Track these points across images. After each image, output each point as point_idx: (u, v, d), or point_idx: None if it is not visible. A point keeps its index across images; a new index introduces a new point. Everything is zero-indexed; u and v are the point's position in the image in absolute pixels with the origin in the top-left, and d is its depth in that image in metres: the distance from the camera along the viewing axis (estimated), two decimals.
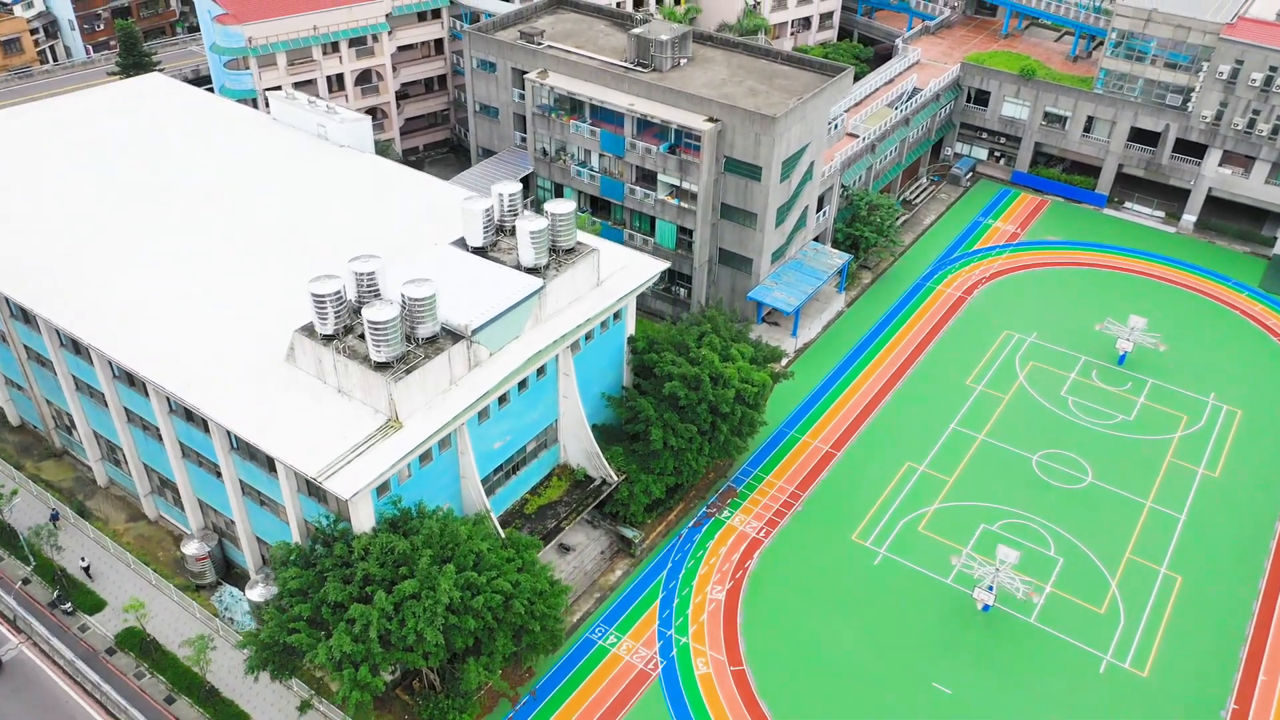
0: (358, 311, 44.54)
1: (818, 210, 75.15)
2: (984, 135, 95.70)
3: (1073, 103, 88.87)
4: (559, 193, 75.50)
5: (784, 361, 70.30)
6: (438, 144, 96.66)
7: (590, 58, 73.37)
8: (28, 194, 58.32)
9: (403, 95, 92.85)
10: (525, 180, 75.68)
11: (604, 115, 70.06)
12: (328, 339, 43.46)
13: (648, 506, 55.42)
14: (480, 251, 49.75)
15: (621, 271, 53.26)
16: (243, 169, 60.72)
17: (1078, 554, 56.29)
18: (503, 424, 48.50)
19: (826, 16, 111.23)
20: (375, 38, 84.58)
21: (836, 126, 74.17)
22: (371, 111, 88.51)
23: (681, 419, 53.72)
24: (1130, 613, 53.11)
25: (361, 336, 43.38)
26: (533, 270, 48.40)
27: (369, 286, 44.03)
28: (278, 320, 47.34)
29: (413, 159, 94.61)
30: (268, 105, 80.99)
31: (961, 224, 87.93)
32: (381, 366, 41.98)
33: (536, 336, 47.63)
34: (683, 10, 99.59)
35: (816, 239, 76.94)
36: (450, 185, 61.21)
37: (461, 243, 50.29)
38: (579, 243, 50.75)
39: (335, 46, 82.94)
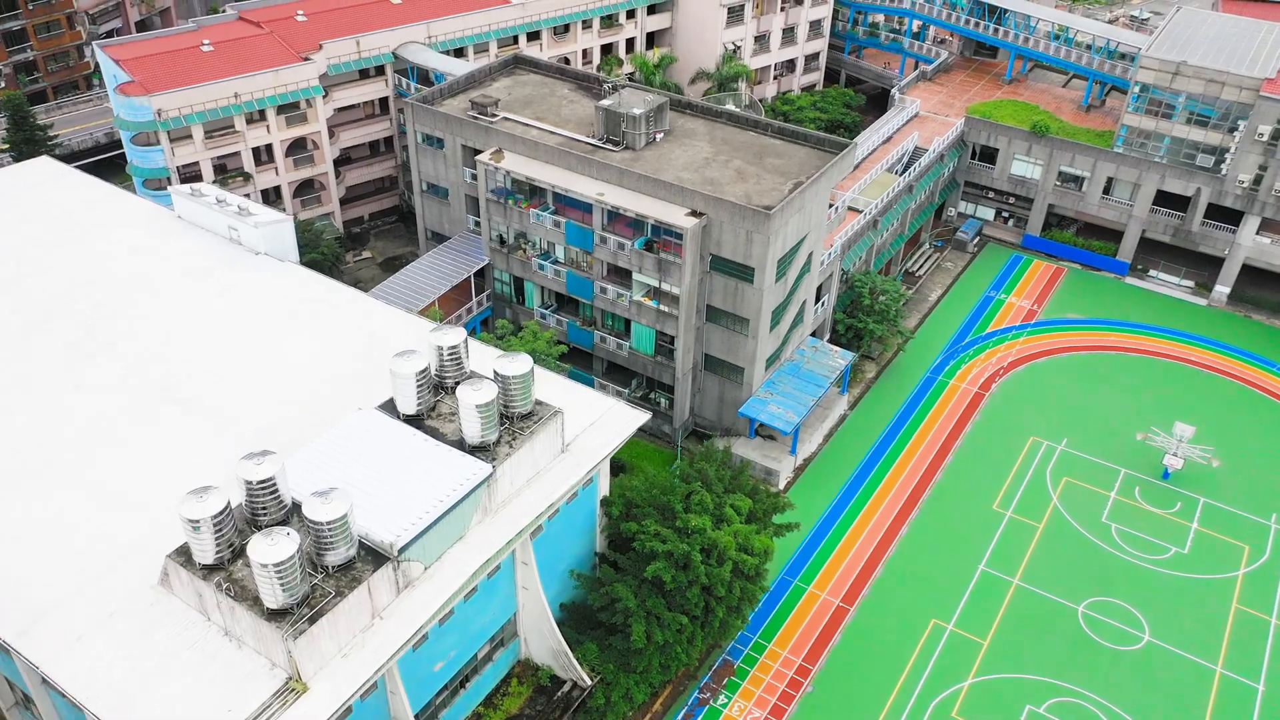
0: (254, 522, 34.54)
1: (815, 301, 65.79)
2: (991, 194, 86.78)
3: (1091, 162, 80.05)
4: (518, 287, 65.60)
5: (782, 484, 61.03)
6: (385, 212, 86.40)
7: (552, 133, 63.60)
8: None
9: (344, 160, 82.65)
10: (481, 271, 65.83)
11: (570, 201, 60.31)
12: (209, 570, 33.40)
13: None
14: (414, 419, 39.82)
15: (592, 428, 43.48)
16: (130, 292, 50.26)
17: None
18: (445, 640, 38.62)
19: (812, 58, 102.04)
20: (308, 102, 74.33)
21: (837, 210, 64.81)
22: (308, 183, 78.29)
23: (669, 606, 44.03)
24: None
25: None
26: (480, 448, 38.54)
27: (264, 490, 34.01)
28: (155, 517, 37.25)
29: (357, 230, 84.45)
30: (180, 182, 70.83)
31: (971, 300, 78.84)
32: (278, 614, 31.97)
33: (486, 534, 37.79)
34: (656, 59, 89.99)
35: (814, 333, 67.55)
36: (387, 307, 51.16)
37: (391, 406, 40.35)
38: (538, 403, 40.92)
39: (262, 114, 72.60)
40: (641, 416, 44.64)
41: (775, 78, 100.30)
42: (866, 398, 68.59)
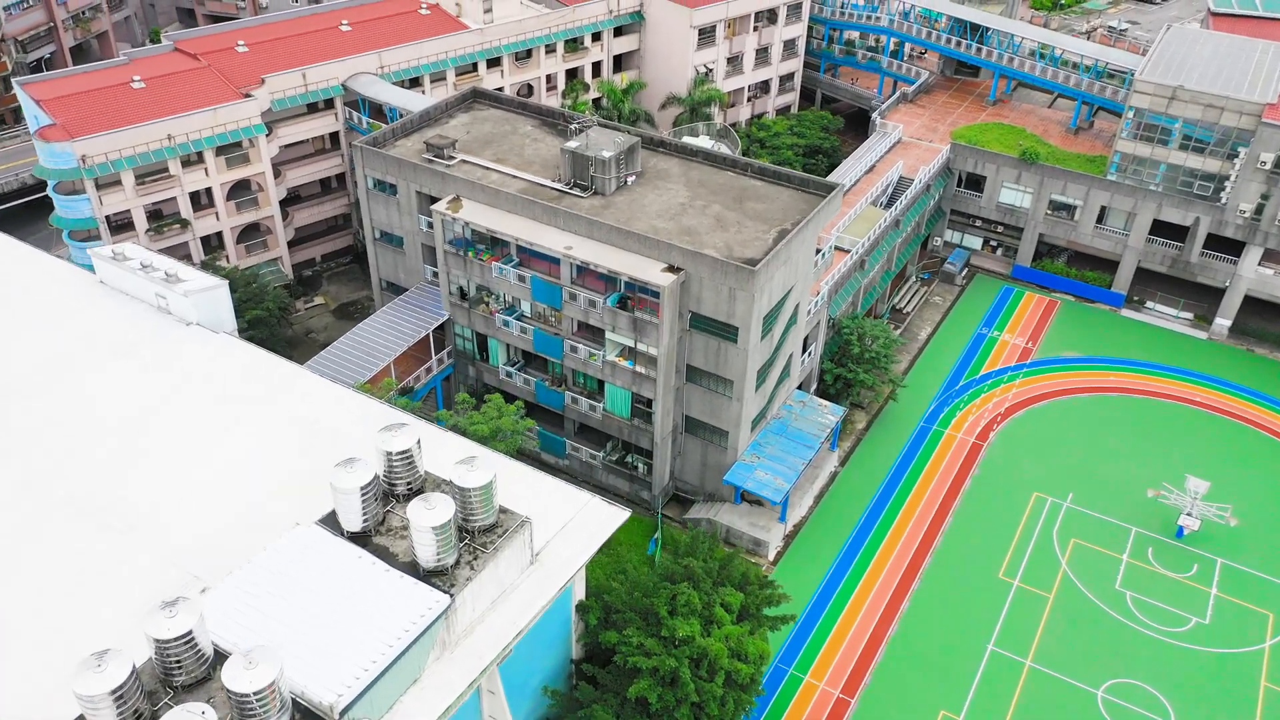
0: (168, 683, 29.34)
1: (802, 352, 61.22)
2: (978, 223, 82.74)
3: (1084, 191, 76.17)
4: (482, 344, 60.58)
5: (772, 555, 56.47)
6: (339, 253, 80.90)
7: (514, 177, 58.65)
8: None
9: (293, 199, 77.06)
10: (442, 326, 60.63)
11: (535, 252, 55.30)
12: None
13: None
14: (360, 536, 34.72)
15: (564, 532, 38.58)
16: (38, 377, 44.56)
17: None
18: None
19: (787, 79, 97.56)
20: (251, 141, 68.74)
21: (825, 256, 60.32)
22: (253, 226, 72.63)
23: None
24: None
25: None
26: (436, 572, 33.52)
27: (179, 646, 28.81)
28: (55, 665, 31.86)
29: (308, 273, 78.89)
30: (111, 233, 65.29)
31: (963, 338, 74.63)
32: None
33: (445, 674, 32.79)
34: (624, 84, 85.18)
35: (800, 385, 62.99)
36: (333, 386, 45.86)
37: (333, 520, 35.22)
38: (502, 511, 35.95)
39: (199, 156, 66.95)
40: (620, 515, 39.70)
41: (749, 99, 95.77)
42: (858, 452, 64.09)
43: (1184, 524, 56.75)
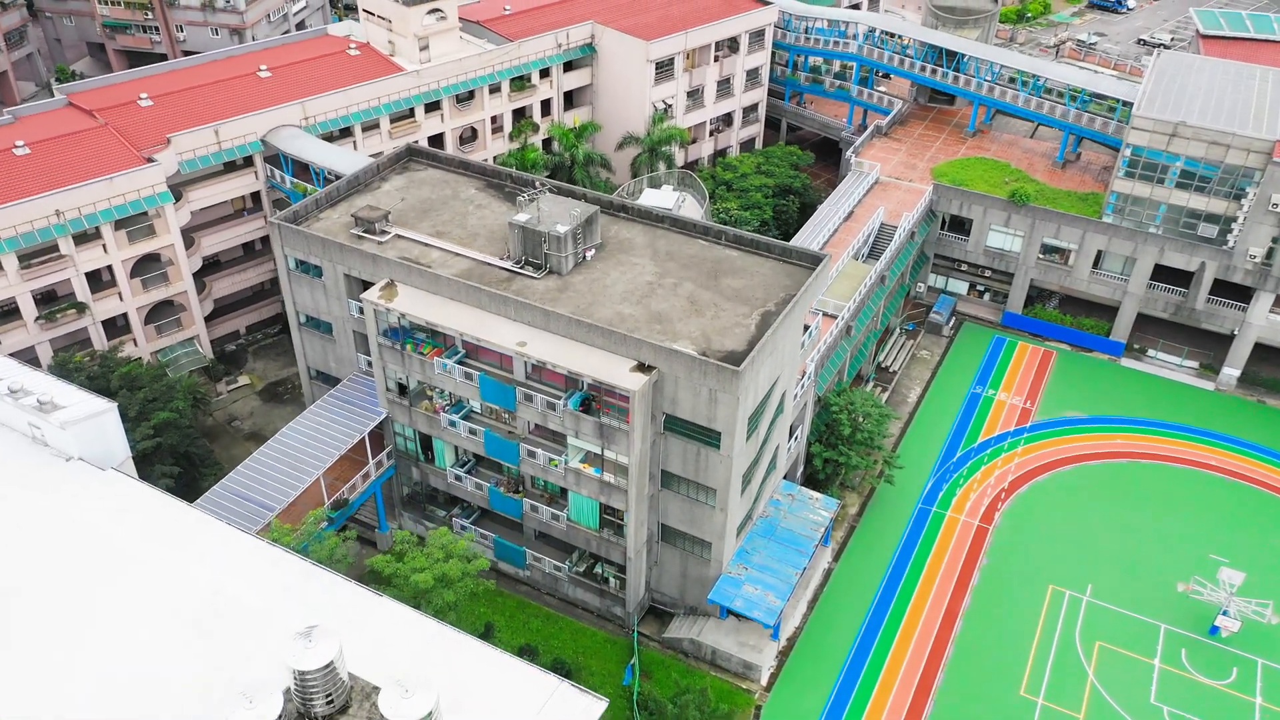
0: None
1: (789, 438, 54.59)
2: (964, 267, 76.75)
3: (1079, 234, 70.35)
4: (425, 444, 53.17)
5: (765, 679, 49.71)
6: (265, 323, 72.79)
7: (457, 254, 51.31)
8: None
9: (212, 265, 68.86)
10: (381, 423, 53.06)
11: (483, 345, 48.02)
12: None
13: None
14: None
15: None
16: None
17: None
18: None
19: (750, 110, 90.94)
20: (156, 211, 60.57)
21: (811, 333, 53.72)
22: (166, 303, 64.36)
23: None
24: None
25: None
26: None
27: None
28: None
29: (232, 348, 70.76)
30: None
31: (955, 400, 68.45)
32: None
33: None
34: (577, 125, 78.07)
35: (786, 475, 56.31)
36: (241, 538, 38.13)
37: None
38: None
39: (97, 231, 58.71)
40: (597, 707, 32.58)
41: (712, 134, 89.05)
42: (852, 544, 57.58)
43: (1221, 625, 50.92)
